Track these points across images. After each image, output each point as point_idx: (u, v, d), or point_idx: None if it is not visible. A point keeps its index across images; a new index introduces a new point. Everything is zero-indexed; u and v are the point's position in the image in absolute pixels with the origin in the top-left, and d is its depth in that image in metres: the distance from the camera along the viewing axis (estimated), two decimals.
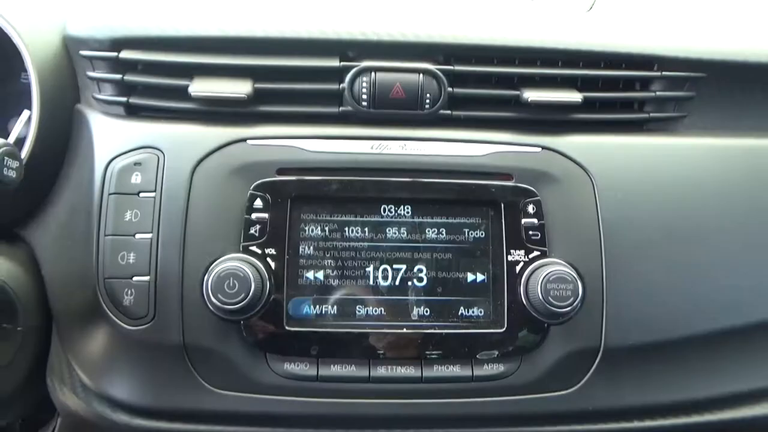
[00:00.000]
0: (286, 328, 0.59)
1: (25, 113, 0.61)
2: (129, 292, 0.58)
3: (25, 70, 0.62)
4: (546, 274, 0.58)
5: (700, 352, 0.64)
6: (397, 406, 0.60)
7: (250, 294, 0.56)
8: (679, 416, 0.63)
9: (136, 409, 0.60)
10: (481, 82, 0.65)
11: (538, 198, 0.61)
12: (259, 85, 0.62)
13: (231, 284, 0.56)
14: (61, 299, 0.62)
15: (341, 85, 0.63)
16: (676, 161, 0.65)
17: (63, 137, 0.64)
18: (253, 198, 0.60)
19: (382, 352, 0.60)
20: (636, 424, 0.62)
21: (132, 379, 0.60)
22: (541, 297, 0.58)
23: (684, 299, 0.63)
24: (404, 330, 0.60)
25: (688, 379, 0.63)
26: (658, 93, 0.67)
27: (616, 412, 0.62)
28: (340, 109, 0.64)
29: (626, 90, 0.67)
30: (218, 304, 0.56)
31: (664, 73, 0.66)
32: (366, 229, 0.62)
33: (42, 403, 0.70)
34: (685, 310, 0.63)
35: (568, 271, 0.59)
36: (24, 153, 0.60)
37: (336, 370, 0.60)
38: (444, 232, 0.62)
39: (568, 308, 0.58)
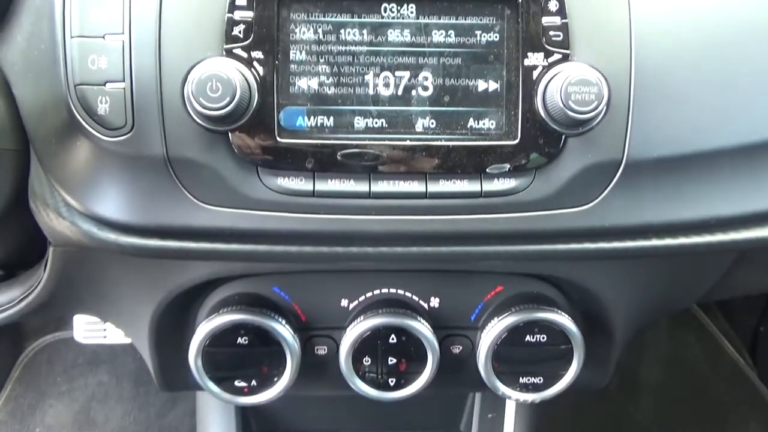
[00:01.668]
0: (278, 140, 0.54)
1: None
2: (103, 100, 0.53)
3: None
4: (567, 77, 0.52)
5: (727, 168, 0.58)
6: (400, 223, 0.57)
7: (236, 99, 0.51)
8: (701, 234, 0.59)
9: (123, 226, 0.57)
10: None
11: None
12: None
13: (214, 87, 0.51)
14: (35, 117, 0.57)
15: None
16: None
17: None
18: None
19: (383, 165, 0.55)
20: (654, 242, 0.59)
21: (116, 196, 0.56)
22: (561, 102, 0.52)
23: (714, 113, 0.57)
24: (407, 143, 0.55)
25: (712, 195, 0.58)
26: None
27: (634, 229, 0.58)
28: None
29: None
30: (201, 109, 0.51)
31: None
32: (364, 30, 0.54)
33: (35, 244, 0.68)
34: (714, 124, 0.57)
35: (593, 72, 0.52)
36: None
37: (333, 184, 0.55)
38: (452, 35, 0.55)
39: (591, 113, 0.52)
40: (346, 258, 0.59)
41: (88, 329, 1.56)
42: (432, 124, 0.55)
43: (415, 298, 0.70)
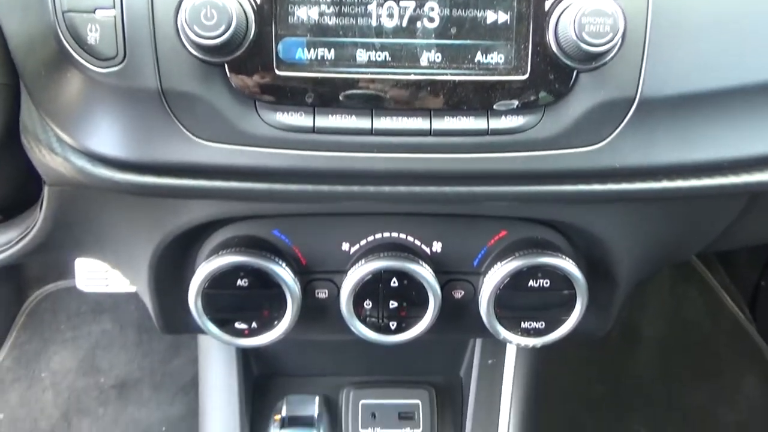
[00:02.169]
0: (277, 72, 0.52)
1: None
2: (93, 28, 0.50)
3: None
4: (582, 7, 0.49)
5: (742, 108, 0.56)
6: (403, 161, 0.55)
7: (232, 28, 0.48)
8: (712, 176, 0.57)
9: (117, 162, 0.55)
10: None
11: None
12: None
13: (208, 15, 0.48)
14: (23, 48, 0.55)
15: None
16: None
17: None
18: None
19: (386, 101, 0.53)
20: (664, 183, 0.57)
21: (109, 131, 0.54)
22: (574, 34, 0.49)
23: (731, 50, 0.54)
24: (412, 77, 0.53)
25: (726, 136, 0.56)
26: None
27: (644, 170, 0.56)
28: None
29: None
30: (195, 38, 0.48)
31: None
32: None
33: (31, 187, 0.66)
34: (731, 62, 0.55)
35: (609, 2, 0.49)
36: None
37: (334, 120, 0.53)
38: None
39: (606, 46, 0.49)
40: (347, 197, 0.57)
41: (90, 277, 1.57)
42: (437, 57, 0.53)
43: (417, 242, 0.69)
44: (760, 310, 1.76)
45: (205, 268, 0.65)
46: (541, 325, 0.69)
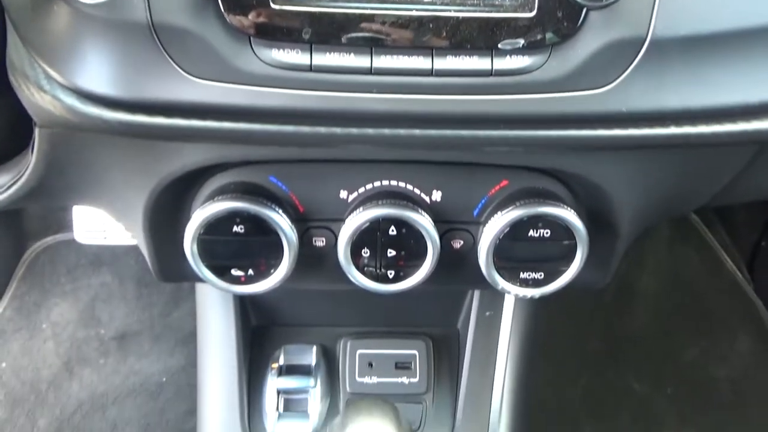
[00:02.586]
0: (273, 6, 0.50)
1: None
2: None
3: None
4: None
5: (757, 52, 0.54)
6: (403, 102, 0.53)
7: None
8: (722, 122, 0.55)
9: (108, 100, 0.53)
10: None
11: None
12: None
13: None
14: None
15: None
16: None
17: None
18: None
19: (386, 38, 0.51)
20: (672, 129, 0.55)
21: (98, 67, 0.52)
22: None
23: None
24: (413, 13, 0.50)
25: (738, 81, 0.54)
26: None
27: (653, 115, 0.55)
28: None
29: None
30: None
31: None
32: None
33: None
34: (746, 1, 0.52)
35: None
36: None
37: (332, 58, 0.51)
38: None
39: None
40: (345, 140, 0.56)
41: (88, 230, 1.57)
42: None
43: (417, 191, 0.68)
44: (758, 269, 1.76)
45: (200, 214, 0.64)
46: (540, 275, 0.68)
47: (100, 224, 1.52)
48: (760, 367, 1.60)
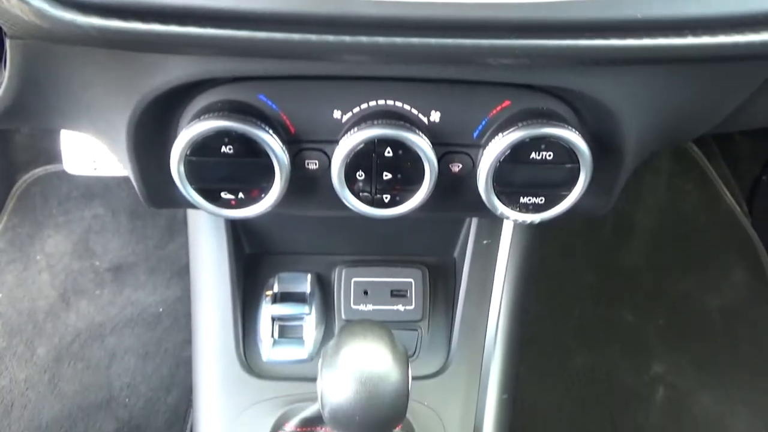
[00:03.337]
0: None
1: None
2: None
3: None
4: None
5: None
6: (399, 6, 0.49)
7: None
8: (744, 32, 0.52)
9: (79, 3, 0.49)
10: None
11: None
12: None
13: None
14: None
15: None
16: None
17: None
18: None
19: None
20: (690, 40, 0.51)
21: None
22: None
23: None
24: None
25: None
26: None
27: (669, 22, 0.51)
28: None
29: None
30: None
31: None
32: None
33: None
34: None
35: None
36: None
37: None
38: None
39: None
40: (338, 50, 0.52)
41: (78, 160, 1.53)
42: None
43: (414, 111, 0.64)
44: (758, 203, 1.75)
45: (186, 134, 0.61)
46: (541, 200, 0.66)
47: (89, 154, 1.49)
48: (753, 299, 1.61)
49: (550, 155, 0.63)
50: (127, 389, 1.43)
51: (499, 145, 0.63)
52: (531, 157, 0.63)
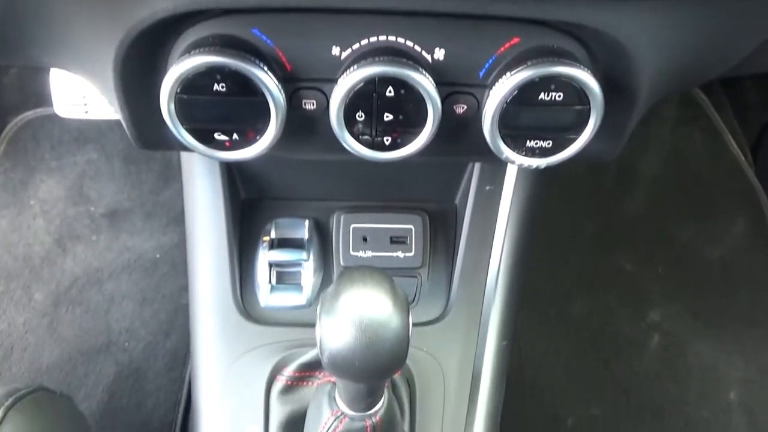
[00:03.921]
0: None
1: None
2: None
3: None
4: None
5: None
6: None
7: None
8: None
9: None
10: None
11: None
12: None
13: None
14: None
15: None
16: None
17: None
18: None
19: None
20: None
21: None
22: None
23: None
24: None
25: None
26: None
27: None
28: None
29: None
30: None
31: None
32: None
33: None
34: None
35: None
36: None
37: None
38: None
39: None
40: None
41: (68, 103, 1.49)
42: None
43: (418, 48, 0.61)
44: (763, 153, 1.72)
45: (176, 70, 0.57)
46: (548, 144, 0.63)
47: (80, 97, 1.44)
48: (753, 250, 1.61)
49: (559, 96, 0.60)
50: (126, 333, 1.43)
51: (506, 85, 0.60)
52: (540, 98, 0.60)
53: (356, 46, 0.60)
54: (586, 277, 1.56)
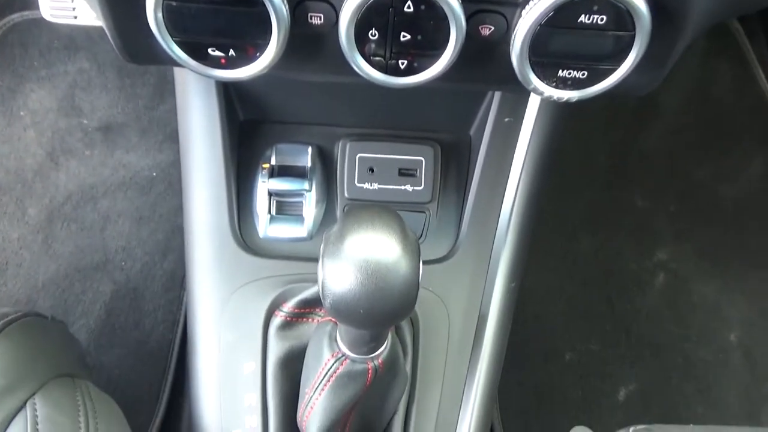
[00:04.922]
0: None
1: None
2: None
3: None
4: None
5: None
6: None
7: None
8: None
9: None
10: None
11: None
12: None
13: None
14: None
15: None
16: None
17: None
18: None
19: None
20: None
21: None
22: None
23: None
24: None
25: None
26: None
27: None
28: None
29: None
30: None
31: None
32: None
33: None
34: None
35: None
36: None
37: None
38: None
39: None
40: None
41: (56, 6, 1.38)
42: None
43: None
44: None
45: None
46: (583, 74, 0.56)
47: (67, 1, 1.34)
48: (767, 191, 1.56)
49: (602, 19, 0.53)
50: (122, 252, 1.40)
51: (541, 5, 0.52)
52: (579, 20, 0.53)
53: None
54: (595, 211, 1.52)
